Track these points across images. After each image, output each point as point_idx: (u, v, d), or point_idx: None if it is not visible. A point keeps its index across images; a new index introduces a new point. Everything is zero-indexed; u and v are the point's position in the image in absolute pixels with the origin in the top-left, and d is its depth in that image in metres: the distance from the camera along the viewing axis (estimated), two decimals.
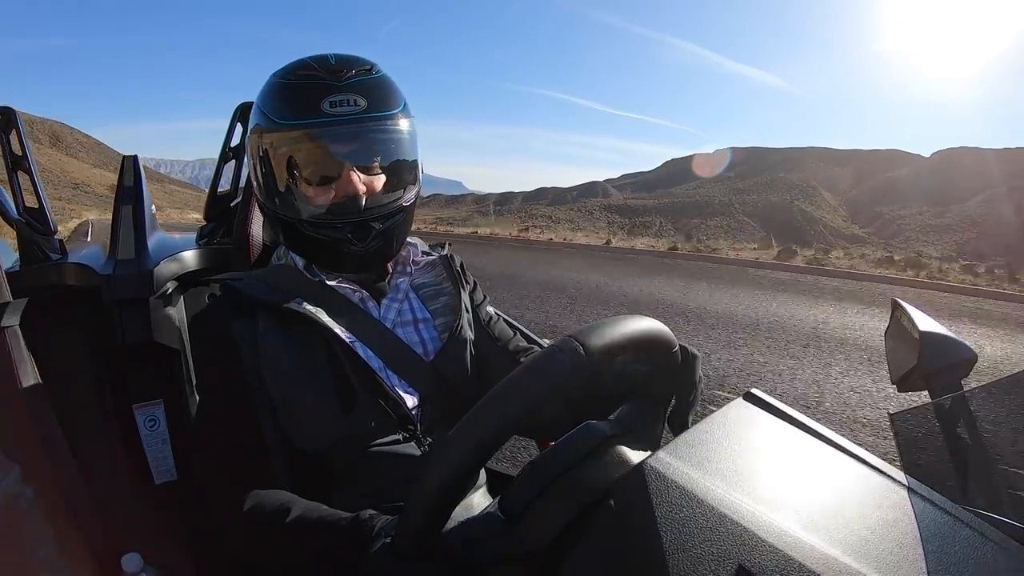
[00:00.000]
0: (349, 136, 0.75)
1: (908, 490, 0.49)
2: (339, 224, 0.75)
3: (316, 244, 0.77)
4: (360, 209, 0.75)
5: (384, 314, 0.82)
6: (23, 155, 1.11)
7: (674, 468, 0.45)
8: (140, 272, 1.00)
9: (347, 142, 0.75)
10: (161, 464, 1.01)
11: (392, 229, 0.79)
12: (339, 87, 0.73)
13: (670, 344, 0.59)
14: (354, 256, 0.77)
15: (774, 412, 0.55)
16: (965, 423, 0.64)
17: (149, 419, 1.02)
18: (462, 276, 0.92)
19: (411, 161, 0.80)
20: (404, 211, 0.80)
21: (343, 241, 0.76)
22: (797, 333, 5.03)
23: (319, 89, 0.73)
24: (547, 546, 0.48)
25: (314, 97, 0.73)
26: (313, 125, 0.73)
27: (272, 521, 0.63)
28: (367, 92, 0.74)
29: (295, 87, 0.75)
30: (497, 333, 0.91)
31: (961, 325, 5.73)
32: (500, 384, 0.47)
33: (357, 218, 0.75)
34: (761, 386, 0.73)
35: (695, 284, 7.79)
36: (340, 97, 0.73)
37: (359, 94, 0.74)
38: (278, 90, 0.77)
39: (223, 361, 0.74)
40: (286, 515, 0.62)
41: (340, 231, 0.75)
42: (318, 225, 0.76)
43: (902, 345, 0.79)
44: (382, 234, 0.77)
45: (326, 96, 0.73)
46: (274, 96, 0.76)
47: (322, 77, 0.74)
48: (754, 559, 0.39)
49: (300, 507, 0.64)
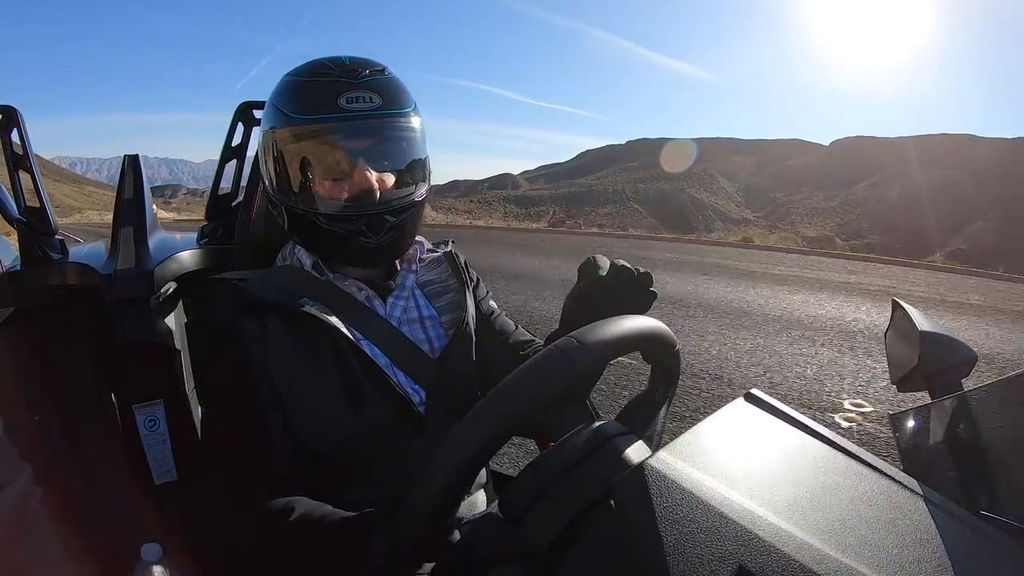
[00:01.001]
0: (365, 132, 0.76)
1: (908, 490, 0.49)
2: (355, 217, 0.76)
3: (331, 238, 0.78)
4: (375, 202, 0.76)
5: (390, 312, 0.82)
6: (24, 154, 1.11)
7: (674, 468, 0.45)
8: (141, 272, 1.00)
9: (363, 137, 0.76)
10: (161, 464, 1.01)
11: (404, 223, 0.80)
12: (355, 84, 0.75)
13: (671, 344, 0.59)
14: (368, 249, 0.78)
15: (774, 412, 0.55)
16: (965, 423, 0.64)
17: (149, 419, 1.02)
18: (466, 272, 0.93)
19: (422, 158, 0.82)
20: (416, 206, 0.81)
21: (358, 234, 0.77)
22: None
23: (336, 86, 0.75)
24: (548, 547, 0.48)
25: (331, 94, 0.74)
26: (331, 120, 0.74)
27: (277, 520, 0.64)
28: (382, 90, 0.76)
29: (312, 84, 0.77)
30: (499, 328, 0.92)
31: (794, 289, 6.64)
32: (499, 385, 0.47)
33: (372, 211, 0.76)
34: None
35: (529, 254, 9.20)
36: (357, 94, 0.75)
37: (374, 91, 0.76)
38: (295, 87, 0.78)
39: (231, 360, 0.75)
40: (291, 514, 0.63)
41: (355, 224, 0.76)
42: (334, 218, 0.76)
43: (902, 345, 0.79)
44: (395, 228, 0.79)
45: (343, 93, 0.74)
46: (291, 93, 0.77)
47: (338, 75, 0.76)
48: (754, 559, 0.39)
49: (305, 506, 0.64)
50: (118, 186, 1.14)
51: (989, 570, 0.44)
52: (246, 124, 1.26)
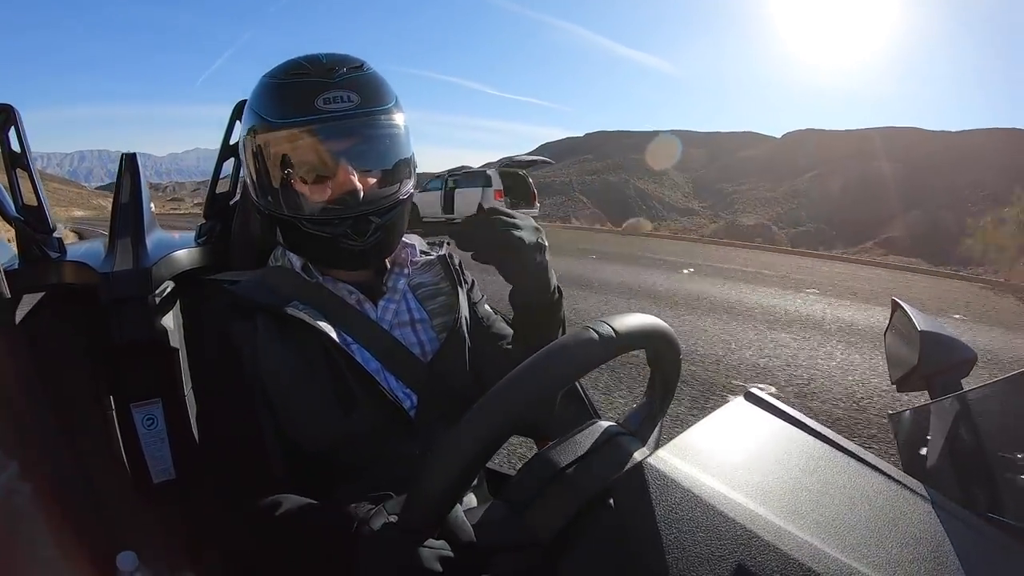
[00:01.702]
0: (344, 132, 0.75)
1: (908, 490, 0.49)
2: (337, 220, 0.75)
3: (315, 241, 0.77)
4: (359, 203, 0.75)
5: (381, 315, 0.81)
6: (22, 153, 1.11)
7: (674, 467, 0.45)
8: (138, 271, 1.00)
9: (342, 138, 0.75)
10: (159, 463, 1.01)
11: (390, 223, 0.79)
12: (332, 84, 0.74)
13: (676, 349, 0.59)
14: (353, 252, 0.77)
15: (774, 412, 0.55)
16: (965, 423, 0.64)
17: (147, 418, 1.01)
18: (461, 275, 0.91)
19: (407, 156, 0.80)
20: (401, 204, 0.80)
21: (343, 236, 0.76)
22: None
23: (312, 87, 0.73)
24: (554, 537, 0.48)
25: (308, 95, 0.73)
26: (308, 122, 0.73)
27: (268, 511, 0.63)
28: (360, 88, 0.75)
29: (288, 86, 0.75)
30: (494, 332, 0.91)
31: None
32: (523, 363, 0.47)
33: (356, 212, 0.75)
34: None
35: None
36: (334, 94, 0.73)
37: (352, 90, 0.74)
38: (271, 90, 0.77)
39: (222, 361, 0.74)
40: (281, 506, 0.63)
41: (340, 227, 0.75)
42: (317, 222, 0.75)
43: (902, 345, 0.79)
44: (381, 228, 0.77)
45: (320, 93, 0.73)
46: (267, 96, 0.76)
47: (314, 75, 0.74)
48: (754, 558, 0.39)
49: (296, 500, 0.64)
50: (115, 185, 1.14)
51: (989, 570, 0.43)
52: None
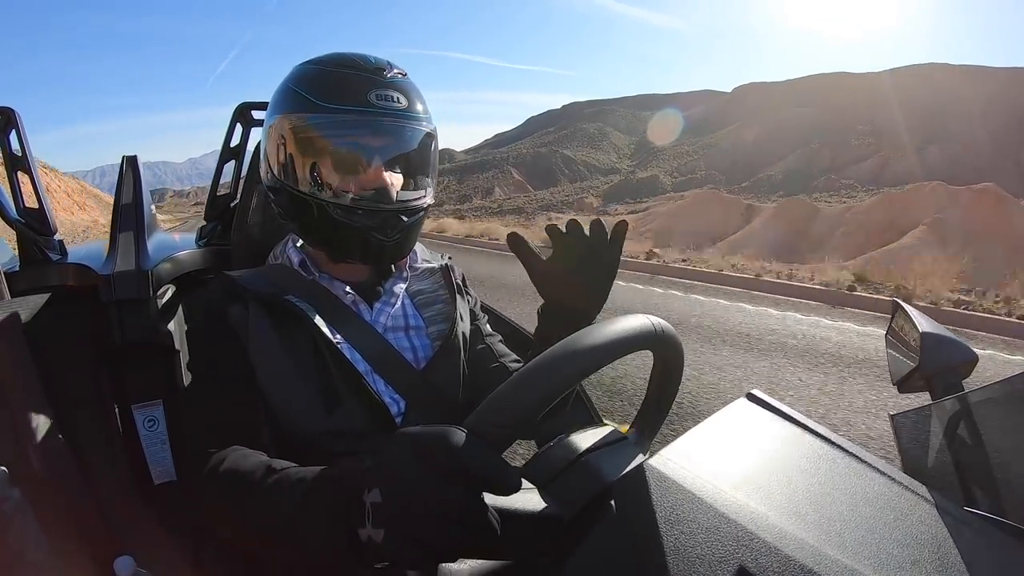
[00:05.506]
0: (391, 130, 0.76)
1: (908, 490, 0.49)
2: (371, 213, 0.76)
3: (342, 230, 0.76)
4: (392, 201, 0.76)
5: (375, 318, 0.81)
6: (23, 155, 1.11)
7: (675, 468, 0.45)
8: (139, 272, 1.00)
9: (388, 136, 0.76)
10: (160, 465, 1.01)
11: (413, 226, 0.80)
12: (384, 83, 0.75)
13: (681, 356, 0.60)
14: (377, 247, 0.77)
15: (775, 412, 0.55)
16: (965, 424, 0.64)
17: (148, 419, 1.02)
18: (463, 288, 0.92)
19: (435, 165, 0.83)
20: (425, 211, 0.82)
21: (372, 229, 0.76)
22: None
23: (365, 81, 0.75)
24: (577, 513, 0.48)
25: (361, 87, 0.74)
26: (360, 112, 0.74)
27: (248, 460, 0.60)
28: (406, 92, 0.77)
29: (340, 75, 0.76)
30: (492, 349, 0.91)
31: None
32: (604, 323, 0.48)
33: (389, 208, 0.76)
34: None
35: None
36: (386, 92, 0.75)
37: (401, 92, 0.76)
38: (322, 75, 0.77)
39: (219, 341, 0.73)
40: (271, 468, 0.57)
41: (372, 219, 0.76)
42: (350, 211, 0.75)
43: (902, 346, 0.79)
44: (406, 229, 0.79)
45: (372, 89, 0.74)
46: (317, 80, 0.76)
47: (367, 70, 0.76)
48: (755, 559, 0.39)
49: (279, 462, 0.59)
50: (116, 188, 1.14)
51: (989, 570, 0.43)
52: (244, 125, 1.27)
